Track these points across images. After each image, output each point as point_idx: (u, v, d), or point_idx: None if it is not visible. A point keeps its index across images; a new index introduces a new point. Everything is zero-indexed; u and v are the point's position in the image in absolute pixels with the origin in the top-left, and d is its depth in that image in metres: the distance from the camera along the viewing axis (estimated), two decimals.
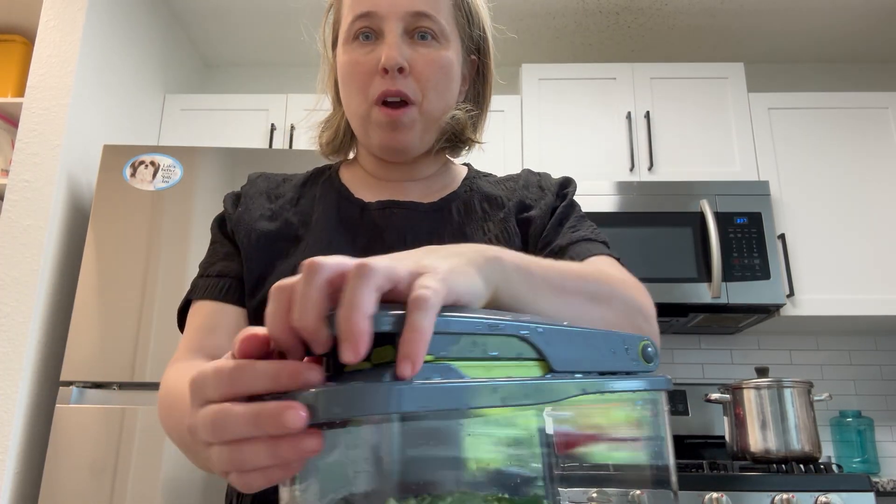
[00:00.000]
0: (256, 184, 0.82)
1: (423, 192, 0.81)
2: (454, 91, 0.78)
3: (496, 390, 0.35)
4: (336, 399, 0.31)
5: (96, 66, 2.23)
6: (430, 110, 0.75)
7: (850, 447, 2.41)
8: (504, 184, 0.85)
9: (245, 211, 0.78)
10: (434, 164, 0.84)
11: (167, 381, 0.67)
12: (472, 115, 0.82)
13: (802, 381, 1.98)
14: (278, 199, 0.80)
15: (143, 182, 2.06)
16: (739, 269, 2.22)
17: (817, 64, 2.99)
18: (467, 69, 0.83)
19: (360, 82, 0.74)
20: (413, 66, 0.74)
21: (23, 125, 2.08)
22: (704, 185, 2.31)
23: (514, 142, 2.47)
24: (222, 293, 0.73)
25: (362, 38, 0.75)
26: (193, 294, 0.75)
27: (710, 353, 2.61)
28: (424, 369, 0.33)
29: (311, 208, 0.79)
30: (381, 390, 0.31)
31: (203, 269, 0.77)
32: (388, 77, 0.72)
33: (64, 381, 1.89)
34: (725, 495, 1.70)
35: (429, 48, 0.75)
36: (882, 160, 2.43)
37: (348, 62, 0.76)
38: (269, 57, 2.99)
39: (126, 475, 1.79)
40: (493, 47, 0.85)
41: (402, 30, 0.74)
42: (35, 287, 1.94)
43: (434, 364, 0.34)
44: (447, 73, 0.76)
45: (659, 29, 2.77)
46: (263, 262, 0.74)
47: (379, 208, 0.77)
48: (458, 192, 0.81)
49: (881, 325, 2.44)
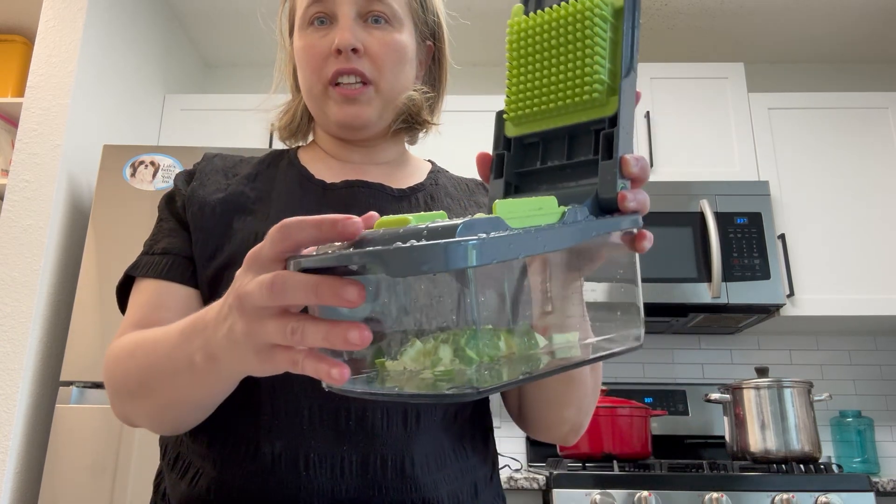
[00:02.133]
0: (213, 162, 0.82)
1: (386, 177, 0.82)
2: (409, 73, 0.80)
3: (538, 238, 0.40)
4: (422, 256, 0.35)
5: (96, 66, 2.23)
6: (387, 90, 0.77)
7: (850, 447, 2.41)
8: (458, 186, 0.86)
9: (200, 186, 0.77)
10: (393, 147, 0.85)
11: (123, 341, 0.67)
12: (429, 98, 0.83)
13: (802, 381, 1.98)
14: (235, 177, 0.80)
15: (142, 182, 2.06)
16: (739, 269, 2.22)
17: (817, 64, 2.99)
18: (423, 55, 0.84)
19: (314, 65, 0.76)
20: (367, 48, 0.75)
21: (23, 125, 2.08)
22: (704, 185, 2.31)
23: None
24: (166, 270, 0.72)
25: (317, 24, 0.76)
26: (135, 271, 0.73)
27: (710, 353, 2.61)
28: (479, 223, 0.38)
29: (269, 186, 0.78)
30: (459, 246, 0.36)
31: (147, 247, 0.76)
32: (341, 57, 0.74)
33: (64, 381, 1.89)
34: (725, 495, 1.70)
35: (382, 31, 0.76)
36: (882, 160, 2.43)
37: (303, 46, 0.77)
38: (269, 57, 2.99)
39: (126, 475, 1.79)
40: (448, 33, 0.87)
41: (355, 13, 0.75)
42: (35, 287, 1.94)
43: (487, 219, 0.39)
44: (401, 54, 0.77)
45: (659, 29, 2.77)
46: (220, 231, 0.73)
47: (345, 187, 0.77)
48: (425, 184, 0.82)
49: (881, 325, 2.44)
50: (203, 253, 0.72)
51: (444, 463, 0.68)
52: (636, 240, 0.51)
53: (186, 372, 0.55)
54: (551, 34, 0.50)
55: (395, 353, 0.42)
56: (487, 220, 0.39)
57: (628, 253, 0.51)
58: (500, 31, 2.71)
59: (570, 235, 0.43)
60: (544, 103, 0.51)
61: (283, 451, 0.64)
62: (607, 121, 0.49)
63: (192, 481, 0.68)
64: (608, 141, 0.49)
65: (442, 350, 0.39)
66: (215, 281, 0.70)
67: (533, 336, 0.44)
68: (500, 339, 0.41)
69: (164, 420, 0.65)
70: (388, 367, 0.42)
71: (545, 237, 0.41)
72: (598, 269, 0.52)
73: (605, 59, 0.49)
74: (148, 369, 0.61)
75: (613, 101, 0.49)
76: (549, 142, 0.54)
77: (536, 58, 0.51)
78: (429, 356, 0.40)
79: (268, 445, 0.64)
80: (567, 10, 0.49)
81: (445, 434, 0.69)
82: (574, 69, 0.49)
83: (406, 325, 0.42)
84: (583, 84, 0.49)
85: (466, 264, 0.35)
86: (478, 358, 0.38)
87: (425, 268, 0.35)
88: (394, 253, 0.36)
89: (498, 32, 2.72)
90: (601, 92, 0.48)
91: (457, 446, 0.70)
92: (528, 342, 0.44)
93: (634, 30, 0.49)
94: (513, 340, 0.42)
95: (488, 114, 2.51)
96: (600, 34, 0.48)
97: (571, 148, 0.52)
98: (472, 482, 0.70)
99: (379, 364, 0.43)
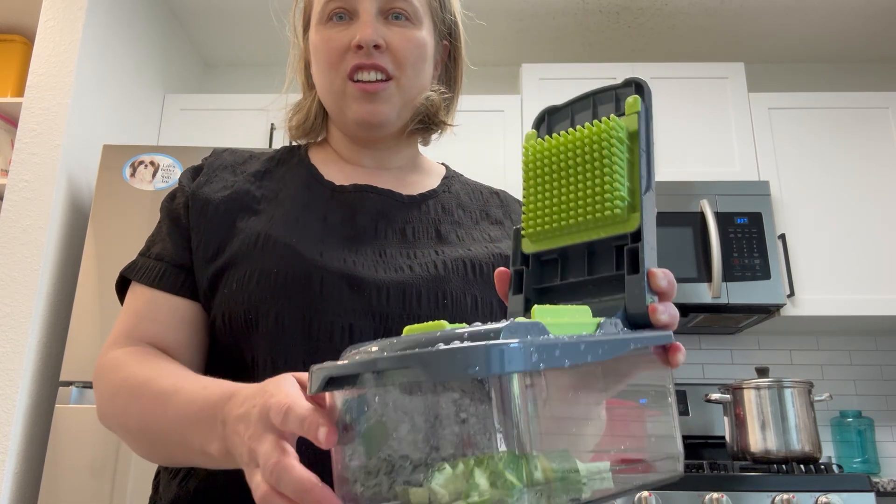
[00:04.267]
0: (222, 157, 0.81)
1: (397, 183, 0.80)
2: (428, 72, 0.79)
3: (581, 346, 0.39)
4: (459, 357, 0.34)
5: (96, 66, 2.23)
6: (407, 87, 0.75)
7: (851, 447, 2.41)
8: (472, 194, 0.85)
9: (206, 182, 0.76)
10: (406, 149, 0.83)
11: (120, 361, 0.66)
12: (446, 98, 0.82)
13: (802, 382, 1.98)
14: (243, 174, 0.79)
15: (142, 182, 2.06)
16: (740, 269, 2.22)
17: (817, 64, 2.99)
18: (440, 53, 0.83)
19: (332, 59, 0.74)
20: (389, 44, 0.74)
21: (23, 125, 2.08)
22: (705, 185, 2.31)
23: (514, 142, 2.47)
24: (157, 279, 0.71)
25: (336, 19, 0.75)
26: (131, 273, 0.74)
27: (711, 353, 2.61)
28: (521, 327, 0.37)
29: (277, 186, 0.77)
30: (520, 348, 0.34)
31: (145, 248, 0.76)
32: (361, 52, 0.73)
33: (64, 381, 1.89)
34: (725, 495, 1.70)
35: (403, 27, 0.75)
36: (882, 160, 2.43)
37: (321, 40, 0.75)
38: (269, 57, 2.99)
39: (126, 475, 1.79)
40: (464, 33, 0.86)
41: (376, 9, 0.74)
42: (35, 287, 1.94)
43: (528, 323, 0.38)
44: (422, 51, 0.76)
45: (659, 29, 2.76)
46: (222, 230, 0.72)
47: (353, 191, 0.76)
48: (438, 191, 0.81)
49: (881, 325, 2.44)
50: (204, 253, 0.72)
51: None
52: (670, 353, 0.50)
53: (200, 455, 0.56)
54: (569, 155, 0.51)
55: (419, 480, 0.38)
56: (529, 324, 0.37)
57: (660, 373, 0.50)
58: (506, 29, 2.71)
59: (610, 346, 0.42)
60: (563, 220, 0.52)
61: None
62: (630, 236, 0.50)
63: (183, 482, 0.68)
64: (633, 256, 0.49)
65: (478, 475, 0.35)
66: (215, 281, 0.70)
67: (572, 461, 0.40)
68: (538, 464, 0.37)
69: (154, 459, 0.66)
70: (411, 495, 0.38)
71: (588, 346, 0.39)
72: (628, 390, 0.50)
73: (624, 177, 0.50)
74: (153, 425, 0.61)
75: (635, 217, 0.50)
76: (568, 259, 0.55)
77: (554, 177, 0.52)
78: (462, 482, 0.36)
79: None
80: (583, 133, 0.51)
81: None
82: (594, 186, 0.50)
83: (427, 449, 0.38)
84: (603, 201, 0.50)
85: (511, 368, 0.33)
86: (520, 484, 0.35)
87: (470, 371, 0.33)
88: (435, 356, 0.34)
89: (504, 30, 2.72)
90: (622, 208, 0.49)
91: None
92: (567, 467, 0.40)
93: (650, 151, 0.50)
94: (549, 465, 0.38)
95: (493, 113, 2.51)
96: (618, 154, 0.50)
97: (591, 264, 0.53)
98: None
99: (401, 492, 0.39)
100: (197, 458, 0.57)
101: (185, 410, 0.56)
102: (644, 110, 0.51)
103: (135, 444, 0.65)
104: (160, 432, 0.60)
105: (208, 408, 0.53)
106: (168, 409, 0.59)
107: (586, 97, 0.55)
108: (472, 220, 0.80)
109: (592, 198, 0.50)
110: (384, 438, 0.39)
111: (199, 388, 0.57)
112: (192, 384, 0.58)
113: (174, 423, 0.58)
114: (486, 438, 0.35)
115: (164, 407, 0.59)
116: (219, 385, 0.55)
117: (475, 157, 2.41)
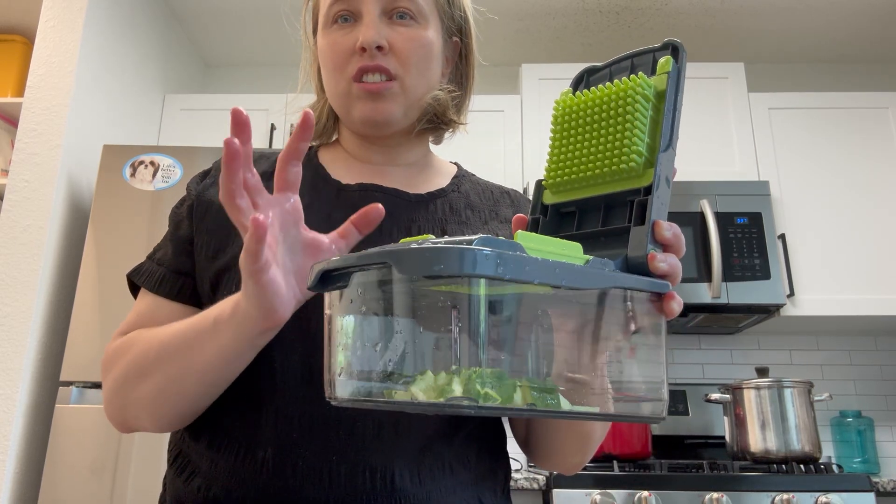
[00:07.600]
0: None
1: (405, 181, 0.80)
2: (435, 71, 0.78)
3: (556, 270, 0.40)
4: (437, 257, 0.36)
5: (96, 66, 2.23)
6: (412, 87, 0.75)
7: (851, 447, 2.41)
8: (483, 194, 0.84)
9: (213, 184, 0.77)
10: (416, 148, 0.83)
11: (125, 337, 0.70)
12: (455, 97, 0.81)
13: (802, 381, 1.98)
14: None
15: (142, 182, 2.06)
16: (739, 269, 2.22)
17: (817, 64, 2.99)
18: (449, 51, 0.82)
19: (338, 62, 0.75)
20: (392, 45, 0.74)
21: (23, 125, 2.08)
22: (704, 185, 2.31)
23: (515, 142, 2.47)
24: (158, 285, 0.74)
25: (341, 21, 0.75)
26: (136, 276, 0.76)
27: (710, 353, 2.61)
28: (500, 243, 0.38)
29: None
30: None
31: (153, 251, 0.78)
32: (366, 55, 0.73)
33: (64, 381, 1.89)
34: (725, 495, 1.70)
35: (408, 27, 0.75)
36: (882, 160, 2.43)
37: (327, 44, 0.76)
38: (269, 57, 2.99)
39: (126, 475, 1.79)
40: (475, 29, 0.85)
41: (379, 10, 0.74)
42: (35, 287, 1.94)
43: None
44: (427, 51, 0.76)
45: (659, 29, 2.76)
46: (224, 232, 0.73)
47: (359, 190, 0.76)
48: (446, 191, 0.80)
49: (881, 325, 2.44)
50: (206, 252, 0.73)
51: (441, 475, 0.67)
52: (664, 301, 0.49)
53: (209, 329, 0.61)
54: (594, 110, 0.53)
55: (404, 381, 0.41)
56: (506, 241, 0.38)
57: (654, 322, 0.50)
58: (506, 29, 2.71)
59: (590, 278, 0.43)
60: (582, 171, 0.53)
61: (273, 458, 0.64)
62: (642, 190, 0.51)
63: (187, 480, 0.68)
64: (642, 207, 0.50)
65: (455, 384, 0.38)
66: (217, 282, 0.70)
67: (556, 397, 0.42)
68: (517, 390, 0.39)
69: (165, 403, 0.65)
70: (395, 396, 0.41)
71: (564, 271, 0.40)
72: (625, 339, 0.50)
73: (645, 133, 0.51)
74: (170, 338, 0.64)
75: (650, 172, 0.51)
76: (585, 211, 0.56)
77: (579, 131, 0.54)
78: (440, 391, 0.38)
79: (261, 451, 0.64)
80: (611, 89, 0.52)
81: (446, 447, 0.68)
82: (614, 141, 0.51)
83: (418, 356, 0.42)
84: (620, 154, 0.51)
85: (478, 271, 0.35)
86: (499, 398, 0.37)
87: (437, 268, 0.35)
88: (407, 252, 0.36)
89: (504, 30, 2.72)
90: (638, 163, 0.50)
91: (461, 459, 0.69)
92: (549, 402, 0.42)
93: (676, 111, 0.51)
94: (531, 395, 0.40)
95: (493, 113, 2.51)
96: (641, 111, 0.51)
97: (607, 216, 0.54)
98: (476, 495, 0.69)
99: (387, 393, 0.42)
100: (204, 337, 0.61)
101: (195, 318, 0.64)
102: (676, 71, 0.52)
103: (145, 390, 0.66)
104: (174, 340, 0.64)
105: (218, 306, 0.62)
106: (177, 323, 0.65)
107: (625, 58, 0.57)
108: (480, 220, 0.79)
109: (612, 151, 0.51)
110: (377, 339, 0.43)
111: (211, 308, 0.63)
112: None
113: (186, 326, 0.64)
114: (467, 352, 0.38)
115: (175, 325, 0.66)
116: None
117: (475, 157, 2.41)
